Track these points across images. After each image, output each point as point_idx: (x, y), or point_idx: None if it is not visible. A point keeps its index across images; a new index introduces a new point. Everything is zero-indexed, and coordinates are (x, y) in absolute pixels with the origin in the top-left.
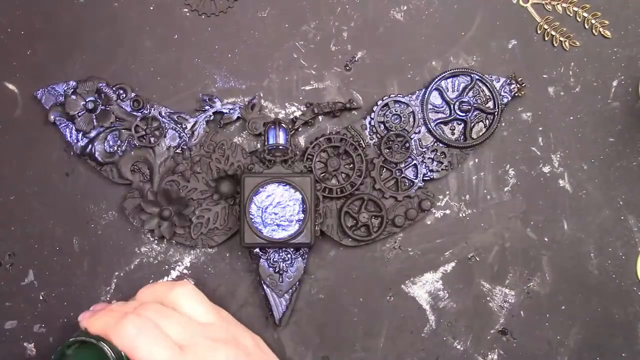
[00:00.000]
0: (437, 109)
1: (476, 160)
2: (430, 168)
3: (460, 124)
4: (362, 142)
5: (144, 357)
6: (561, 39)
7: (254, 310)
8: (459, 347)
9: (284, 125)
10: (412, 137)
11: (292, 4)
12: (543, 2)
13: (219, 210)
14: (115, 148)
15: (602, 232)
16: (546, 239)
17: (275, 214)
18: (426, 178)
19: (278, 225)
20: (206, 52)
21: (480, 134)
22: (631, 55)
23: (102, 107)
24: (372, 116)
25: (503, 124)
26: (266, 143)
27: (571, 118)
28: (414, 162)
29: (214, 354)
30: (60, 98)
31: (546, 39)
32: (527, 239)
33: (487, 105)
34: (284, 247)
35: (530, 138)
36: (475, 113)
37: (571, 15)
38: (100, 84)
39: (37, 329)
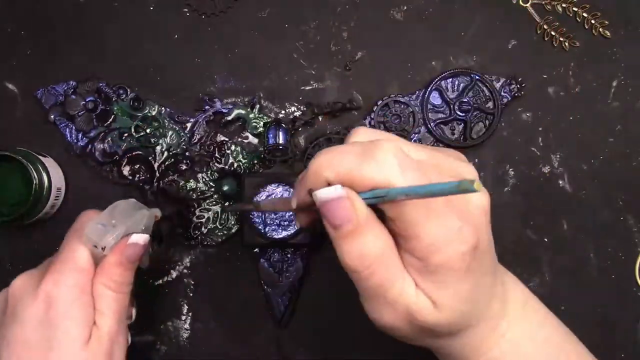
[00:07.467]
0: (437, 109)
1: (476, 160)
2: None
3: (460, 124)
4: None
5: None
6: (561, 39)
7: (254, 310)
8: None
9: (284, 125)
10: (412, 137)
11: (292, 4)
12: (543, 2)
13: (219, 210)
14: (115, 148)
15: (602, 232)
16: (546, 239)
17: (275, 214)
18: None
19: (278, 225)
20: (206, 52)
21: (480, 134)
22: (631, 55)
23: (102, 107)
24: (372, 116)
25: (503, 124)
26: (266, 143)
27: (571, 118)
28: None
29: (475, 202)
30: (60, 98)
31: (546, 39)
32: (527, 239)
33: (487, 105)
34: (284, 247)
35: (530, 138)
36: (475, 113)
37: (571, 15)
38: (100, 84)
39: None
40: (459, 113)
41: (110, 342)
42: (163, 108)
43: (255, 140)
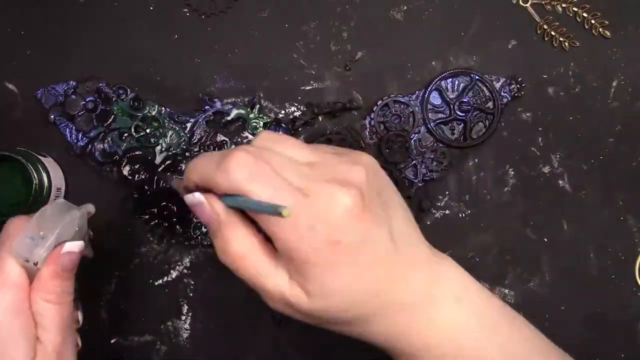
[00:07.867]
0: (436, 109)
1: (476, 160)
2: (430, 168)
3: (460, 124)
4: (362, 142)
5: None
6: (561, 39)
7: (254, 310)
8: None
9: (284, 125)
10: (412, 137)
11: (292, 4)
12: (543, 2)
13: None
14: (115, 148)
15: (602, 232)
16: (546, 239)
17: None
18: (426, 178)
19: None
20: (206, 52)
21: (480, 134)
22: (631, 55)
23: (102, 107)
24: (372, 116)
25: (503, 124)
26: None
27: (571, 118)
28: (414, 162)
29: (337, 201)
30: (60, 98)
31: (546, 39)
32: (527, 239)
33: (487, 106)
34: None
35: (530, 138)
36: (475, 113)
37: (571, 15)
38: (100, 84)
39: None
40: (459, 113)
41: (58, 357)
42: (163, 108)
43: None
